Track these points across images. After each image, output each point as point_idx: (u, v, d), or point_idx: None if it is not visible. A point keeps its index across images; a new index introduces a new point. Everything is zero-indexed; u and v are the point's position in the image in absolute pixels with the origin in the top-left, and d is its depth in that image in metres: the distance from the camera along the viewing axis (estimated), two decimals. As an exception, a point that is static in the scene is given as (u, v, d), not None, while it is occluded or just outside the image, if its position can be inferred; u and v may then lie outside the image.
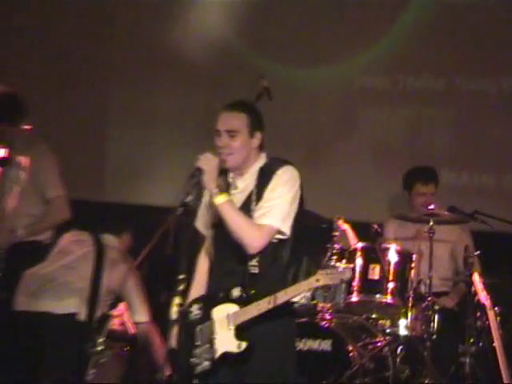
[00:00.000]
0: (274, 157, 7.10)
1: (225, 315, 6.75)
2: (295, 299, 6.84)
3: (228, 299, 6.76)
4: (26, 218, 9.75)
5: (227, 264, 6.95)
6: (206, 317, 6.83)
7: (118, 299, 10.27)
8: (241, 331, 6.66)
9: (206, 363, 6.73)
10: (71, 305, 9.39)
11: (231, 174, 6.97)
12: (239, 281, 6.78)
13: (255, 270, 6.75)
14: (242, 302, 6.67)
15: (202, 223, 7.13)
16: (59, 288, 9.51)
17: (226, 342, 6.73)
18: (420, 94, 12.38)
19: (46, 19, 13.56)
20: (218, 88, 8.97)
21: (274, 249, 6.79)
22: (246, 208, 6.79)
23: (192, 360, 6.85)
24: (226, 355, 6.70)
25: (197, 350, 6.83)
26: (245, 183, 6.93)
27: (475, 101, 12.57)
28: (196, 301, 7.03)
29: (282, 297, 6.61)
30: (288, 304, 6.74)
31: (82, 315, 9.47)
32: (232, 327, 6.68)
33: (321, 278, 6.71)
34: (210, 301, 6.90)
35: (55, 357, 9.34)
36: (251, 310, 6.63)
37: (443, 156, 12.24)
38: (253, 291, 6.65)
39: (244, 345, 6.62)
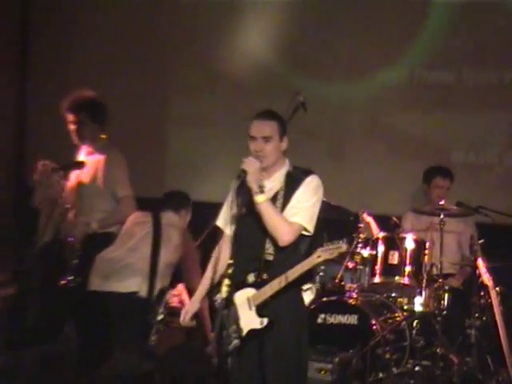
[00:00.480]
0: (297, 166, 7.30)
1: (245, 299, 7.05)
2: (305, 287, 7.27)
3: (245, 284, 7.10)
4: (99, 213, 9.85)
5: (247, 252, 7.12)
6: (229, 302, 7.01)
7: (177, 280, 10.55)
8: (261, 310, 6.97)
9: (236, 341, 6.98)
10: (133, 284, 9.76)
11: (263, 174, 7.06)
12: (255, 267, 7.06)
13: (270, 258, 7.01)
14: (258, 285, 7.00)
15: (223, 220, 7.33)
16: (123, 270, 9.85)
17: (249, 321, 7.02)
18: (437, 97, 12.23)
19: (111, 26, 13.54)
20: (260, 101, 9.09)
21: (295, 242, 7.01)
22: (275, 202, 7.04)
23: (229, 339, 7.00)
24: (251, 332, 7.01)
25: (225, 332, 7.00)
26: (272, 184, 7.10)
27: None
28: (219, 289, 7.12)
29: (290, 276, 6.93)
30: (298, 286, 7.14)
31: (143, 292, 9.87)
32: (253, 308, 7.00)
33: (321, 254, 7.04)
34: (233, 287, 7.00)
35: (123, 329, 9.66)
36: (266, 291, 6.96)
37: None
38: (265, 276, 6.96)
39: (266, 321, 6.95)
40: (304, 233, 7.03)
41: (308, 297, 7.28)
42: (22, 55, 13.97)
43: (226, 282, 6.84)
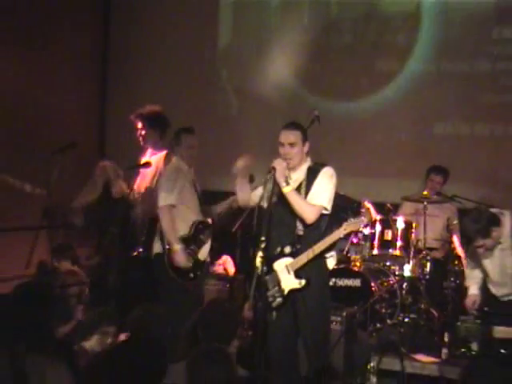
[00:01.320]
0: (316, 161, 7.76)
1: (283, 266, 7.45)
2: (328, 254, 7.64)
3: (283, 255, 7.47)
4: None
5: (280, 230, 7.51)
6: (270, 270, 7.40)
7: (222, 252, 10.86)
8: (298, 274, 7.36)
9: (279, 299, 7.42)
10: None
11: (287, 171, 7.44)
12: (290, 241, 7.47)
13: (301, 233, 7.45)
14: (293, 255, 7.41)
15: (254, 196, 7.74)
16: None
17: (289, 283, 7.39)
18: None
19: (172, 52, 13.45)
20: (283, 116, 9.29)
21: (317, 220, 7.43)
22: (299, 191, 7.48)
23: (268, 299, 7.38)
24: (292, 291, 7.39)
25: (269, 292, 7.37)
26: (297, 176, 7.54)
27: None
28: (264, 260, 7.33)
29: (321, 246, 7.39)
30: (323, 254, 7.53)
31: None
32: (291, 272, 7.42)
33: (347, 227, 7.56)
34: (270, 258, 7.40)
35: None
36: (302, 259, 7.39)
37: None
38: (299, 247, 7.39)
39: (304, 281, 7.33)
40: (324, 212, 7.44)
41: (330, 263, 7.69)
42: (103, 75, 14.04)
43: (260, 254, 7.10)
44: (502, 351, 7.88)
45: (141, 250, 9.53)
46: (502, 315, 7.86)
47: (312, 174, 7.56)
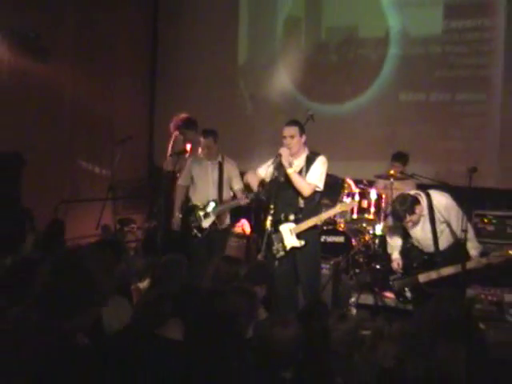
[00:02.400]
0: (313, 151, 7.93)
1: (287, 229, 7.67)
2: (318, 223, 7.88)
3: (287, 220, 7.72)
4: None
5: (285, 202, 7.76)
6: (276, 230, 7.68)
7: (240, 217, 10.97)
8: (299, 236, 7.64)
9: (282, 253, 7.70)
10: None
11: (290, 158, 7.66)
12: (294, 210, 7.73)
13: (302, 205, 7.72)
14: (296, 221, 7.67)
15: (260, 170, 7.96)
16: None
17: (292, 241, 7.68)
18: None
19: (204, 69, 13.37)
20: (285, 115, 9.27)
21: (312, 195, 7.72)
22: (299, 175, 7.69)
23: (274, 252, 7.69)
24: (292, 248, 7.67)
25: (274, 247, 7.69)
26: (298, 162, 7.79)
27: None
28: (274, 223, 7.71)
29: (318, 219, 7.76)
30: (317, 224, 7.86)
31: None
32: (294, 235, 7.64)
33: (341, 207, 8.16)
34: (276, 221, 7.69)
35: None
36: (302, 225, 7.59)
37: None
38: (300, 216, 7.67)
39: (303, 242, 7.65)
40: (317, 189, 7.78)
41: None
42: (152, 85, 14.05)
43: (269, 218, 7.62)
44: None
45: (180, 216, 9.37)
46: (423, 265, 8.06)
47: (310, 161, 7.83)
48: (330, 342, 4.82)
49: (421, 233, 7.94)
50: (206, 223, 8.88)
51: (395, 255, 8.40)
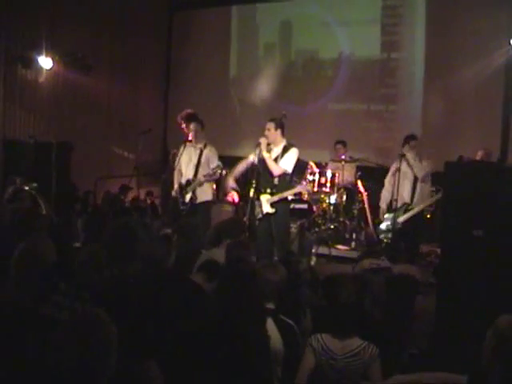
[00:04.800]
0: (290, 141, 7.84)
1: (266, 199, 7.64)
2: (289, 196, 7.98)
3: (266, 192, 7.66)
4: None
5: (265, 179, 7.71)
6: (258, 199, 7.70)
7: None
8: (273, 205, 7.59)
9: (260, 215, 7.67)
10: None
11: (271, 146, 7.70)
12: (270, 186, 7.69)
13: (276, 182, 7.67)
14: (271, 194, 7.63)
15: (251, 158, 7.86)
16: None
17: (267, 208, 7.60)
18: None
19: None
20: (266, 114, 9.18)
21: (283, 176, 7.69)
22: (275, 160, 7.65)
23: (255, 214, 7.71)
24: (267, 213, 7.62)
25: (255, 211, 7.70)
26: (277, 150, 7.73)
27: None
28: (255, 192, 7.74)
29: (287, 193, 7.72)
30: (287, 198, 7.86)
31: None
32: (269, 203, 7.62)
33: (299, 189, 8.12)
34: (258, 193, 7.70)
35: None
36: (275, 197, 7.60)
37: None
38: (274, 190, 7.64)
39: (274, 210, 7.59)
40: (286, 172, 7.70)
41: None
42: (166, 90, 14.13)
43: (252, 190, 7.67)
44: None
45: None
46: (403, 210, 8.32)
47: (285, 150, 7.74)
48: (302, 282, 4.95)
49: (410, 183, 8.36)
50: (186, 198, 8.61)
51: (383, 206, 8.86)
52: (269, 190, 7.75)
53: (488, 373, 2.72)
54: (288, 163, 7.78)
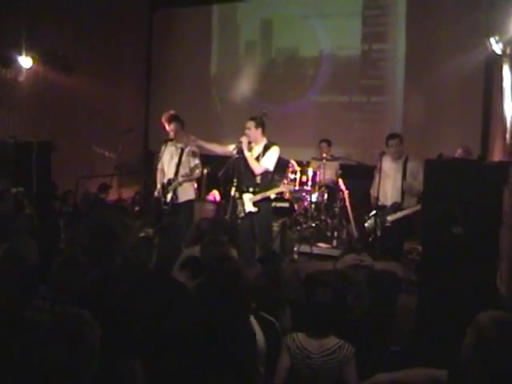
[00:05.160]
0: (270, 140, 7.92)
1: (248, 198, 7.72)
2: (274, 195, 8.03)
3: (248, 191, 7.77)
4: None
5: (247, 178, 7.82)
6: (240, 198, 7.78)
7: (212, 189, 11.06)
8: (255, 204, 7.69)
9: (242, 214, 7.78)
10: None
11: (253, 144, 7.80)
12: (252, 184, 7.80)
13: (258, 181, 7.77)
14: (254, 193, 7.73)
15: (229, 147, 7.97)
16: None
17: (249, 207, 7.70)
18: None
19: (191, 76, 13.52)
20: (247, 113, 9.15)
21: (264, 174, 7.78)
22: (257, 159, 7.75)
23: (237, 213, 7.79)
24: (250, 212, 7.74)
25: (238, 209, 7.77)
26: (258, 148, 7.85)
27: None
28: (237, 192, 7.86)
29: (269, 193, 7.83)
30: (270, 196, 7.95)
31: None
32: (251, 202, 7.70)
33: (281, 188, 8.43)
34: (240, 191, 7.78)
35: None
36: (257, 196, 7.67)
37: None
38: (257, 189, 7.74)
39: (257, 209, 7.72)
40: (268, 170, 7.77)
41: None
42: (148, 89, 14.10)
43: (233, 189, 7.80)
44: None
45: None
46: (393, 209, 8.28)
47: (266, 149, 7.84)
48: (282, 280, 4.96)
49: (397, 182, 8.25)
50: (168, 198, 8.65)
51: (374, 195, 8.59)
52: (251, 189, 7.84)
53: (468, 369, 2.75)
54: (269, 161, 7.86)
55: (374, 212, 8.41)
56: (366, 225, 8.70)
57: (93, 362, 2.59)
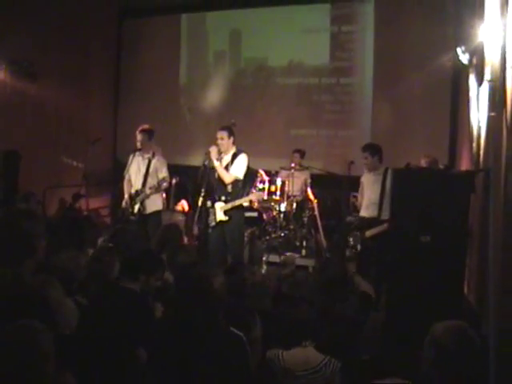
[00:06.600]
0: (239, 148, 7.99)
1: (219, 206, 7.77)
2: (244, 203, 8.03)
3: (220, 200, 7.81)
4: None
5: (217, 187, 7.89)
6: (212, 206, 7.82)
7: (180, 199, 11.00)
8: (225, 213, 7.75)
9: (213, 223, 7.85)
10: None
11: (222, 154, 7.84)
12: (224, 194, 7.83)
13: (229, 190, 7.83)
14: (225, 201, 7.78)
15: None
16: None
17: (221, 216, 7.78)
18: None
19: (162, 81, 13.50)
20: (216, 123, 9.16)
21: (235, 183, 7.83)
22: (226, 168, 7.79)
23: (208, 222, 7.86)
24: (221, 221, 7.78)
25: (209, 219, 7.84)
26: (227, 157, 7.91)
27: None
28: (208, 201, 7.90)
29: (240, 201, 7.88)
30: (241, 205, 7.99)
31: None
32: (222, 211, 7.75)
33: (252, 197, 8.18)
34: (213, 201, 7.82)
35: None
36: (228, 205, 7.74)
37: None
38: (229, 198, 7.78)
39: (227, 217, 7.78)
40: (238, 178, 7.84)
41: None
42: (116, 99, 13.96)
43: (201, 198, 7.83)
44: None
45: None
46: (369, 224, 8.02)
47: (234, 157, 7.92)
48: (250, 289, 4.93)
49: (373, 194, 7.96)
50: (135, 209, 8.61)
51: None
52: (223, 198, 7.92)
53: (430, 379, 2.82)
54: (239, 169, 7.94)
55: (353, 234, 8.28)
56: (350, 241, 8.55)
57: (45, 370, 2.57)
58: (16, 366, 2.49)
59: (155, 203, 8.84)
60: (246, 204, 8.94)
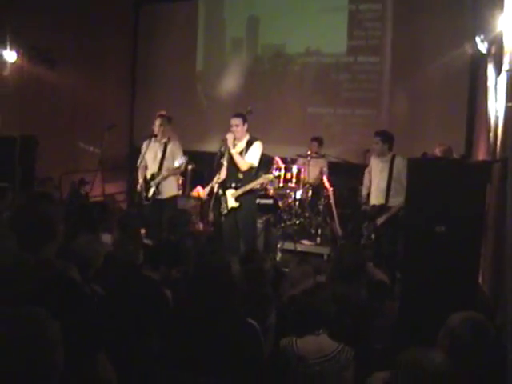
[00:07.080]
0: (253, 136, 8.00)
1: (230, 193, 7.81)
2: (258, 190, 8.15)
3: (231, 187, 7.86)
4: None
5: (231, 174, 7.92)
6: (224, 194, 7.88)
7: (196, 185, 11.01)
8: (236, 199, 7.78)
9: (225, 211, 7.88)
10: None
11: (235, 141, 7.88)
12: (235, 180, 7.90)
13: (241, 177, 7.86)
14: (236, 188, 7.81)
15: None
16: None
17: (232, 202, 7.81)
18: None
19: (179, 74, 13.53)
20: (233, 110, 9.15)
21: (249, 170, 7.85)
22: (240, 155, 7.82)
23: (221, 210, 7.91)
24: (232, 207, 7.81)
25: (222, 206, 7.87)
26: (241, 145, 7.93)
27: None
28: (221, 188, 7.98)
29: (250, 186, 7.86)
30: (252, 189, 7.99)
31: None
32: (234, 197, 7.80)
33: (262, 180, 8.06)
34: (224, 188, 7.90)
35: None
36: (239, 191, 7.77)
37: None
38: (239, 184, 7.81)
39: (238, 204, 7.79)
40: (253, 166, 7.86)
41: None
42: (133, 86, 13.98)
43: (216, 185, 8.02)
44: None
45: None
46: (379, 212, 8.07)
47: (249, 145, 7.93)
48: (267, 279, 4.93)
49: (381, 182, 8.06)
50: (149, 193, 8.67)
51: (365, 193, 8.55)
52: (234, 185, 7.94)
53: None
54: (253, 156, 7.96)
55: (366, 223, 8.27)
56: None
57: (54, 360, 2.44)
58: (24, 356, 2.42)
59: (171, 188, 8.89)
60: (261, 192, 8.96)
